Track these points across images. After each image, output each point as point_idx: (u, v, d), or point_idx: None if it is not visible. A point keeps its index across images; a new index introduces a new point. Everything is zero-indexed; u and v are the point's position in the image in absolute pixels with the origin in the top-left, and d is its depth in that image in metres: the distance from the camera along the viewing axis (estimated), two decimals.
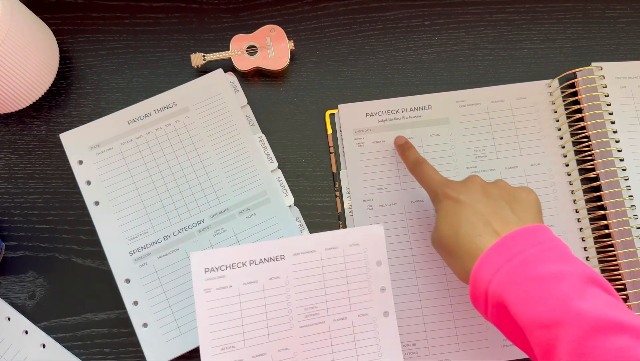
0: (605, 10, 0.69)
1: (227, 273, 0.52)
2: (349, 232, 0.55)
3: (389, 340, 0.54)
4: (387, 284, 0.55)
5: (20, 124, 0.64)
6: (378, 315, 0.54)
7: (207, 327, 0.51)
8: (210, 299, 0.52)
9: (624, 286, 0.60)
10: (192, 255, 0.52)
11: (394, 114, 0.63)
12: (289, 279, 0.53)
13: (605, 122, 0.62)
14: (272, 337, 0.52)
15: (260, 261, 0.53)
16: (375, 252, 0.54)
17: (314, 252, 0.54)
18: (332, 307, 0.54)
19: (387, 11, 0.68)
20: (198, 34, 0.66)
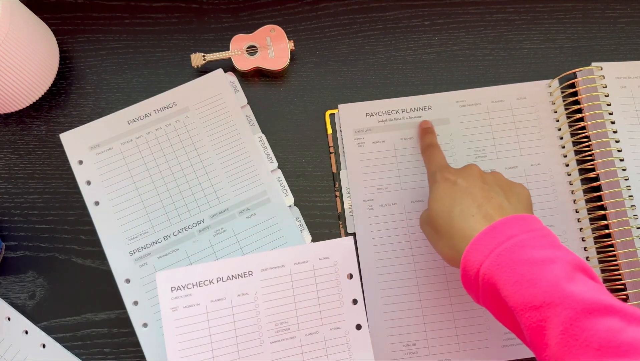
0: (605, 10, 0.69)
1: (194, 291, 0.53)
2: (318, 245, 0.55)
3: (362, 353, 0.54)
4: (359, 296, 0.55)
5: (20, 124, 0.64)
6: (350, 328, 0.54)
7: (175, 345, 0.52)
8: (178, 318, 0.52)
9: (624, 286, 0.60)
10: (158, 275, 0.53)
11: (394, 114, 0.63)
12: (257, 295, 0.53)
13: (605, 122, 0.62)
14: (242, 354, 0.52)
15: (228, 278, 0.53)
16: (345, 265, 0.55)
17: (282, 267, 0.54)
18: (303, 321, 0.54)
19: (387, 11, 0.68)
20: (198, 34, 0.66)
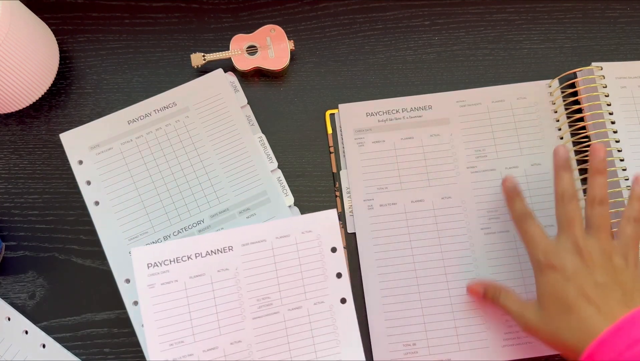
0: (605, 10, 0.69)
1: (172, 268, 0.51)
2: (300, 219, 0.54)
3: (347, 327, 0.53)
4: (344, 270, 0.54)
5: (20, 124, 0.64)
6: (335, 302, 0.53)
7: (153, 323, 0.51)
8: (155, 295, 0.51)
9: None
10: (133, 251, 0.51)
11: (394, 114, 0.63)
12: (238, 270, 0.52)
13: (606, 122, 0.62)
14: (223, 330, 0.51)
15: (207, 254, 0.52)
16: (329, 238, 0.54)
17: (264, 241, 0.53)
18: (286, 296, 0.52)
19: (387, 11, 0.68)
20: (198, 34, 0.66)
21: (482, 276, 0.60)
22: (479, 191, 0.62)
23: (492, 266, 0.60)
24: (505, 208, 0.61)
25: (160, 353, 0.50)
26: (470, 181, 0.62)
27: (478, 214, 0.61)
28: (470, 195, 0.62)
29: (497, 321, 0.59)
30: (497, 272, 0.60)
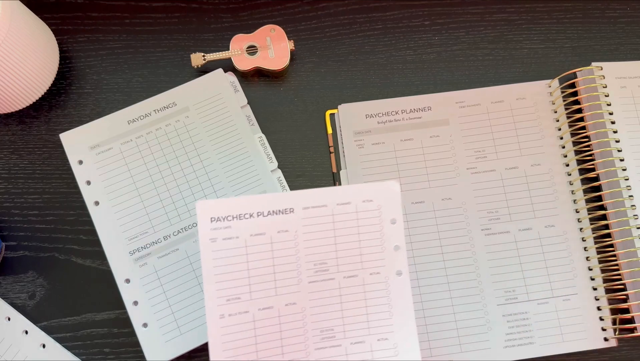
0: (605, 10, 0.69)
1: (234, 224, 0.50)
2: (363, 187, 0.52)
3: (401, 300, 0.52)
4: (402, 243, 0.52)
5: (20, 124, 0.64)
6: (391, 274, 0.52)
7: (212, 277, 0.50)
8: (216, 249, 0.50)
9: (624, 286, 0.60)
10: (198, 203, 0.50)
11: (394, 115, 0.63)
12: (298, 233, 0.51)
13: (606, 122, 0.62)
14: (279, 291, 0.51)
15: (269, 213, 0.51)
16: (389, 209, 0.52)
17: (325, 207, 0.52)
18: (342, 264, 0.51)
19: (387, 11, 0.68)
20: (198, 33, 0.66)
21: (483, 276, 0.60)
22: (479, 192, 0.62)
23: (493, 267, 0.60)
24: (506, 209, 0.61)
25: (217, 307, 0.50)
26: (470, 182, 0.62)
27: (478, 215, 0.61)
28: (471, 196, 0.62)
29: (498, 322, 0.59)
30: (498, 273, 0.60)
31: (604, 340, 0.59)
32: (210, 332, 0.50)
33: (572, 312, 0.59)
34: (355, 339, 0.51)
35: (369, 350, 0.51)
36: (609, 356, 0.60)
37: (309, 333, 0.51)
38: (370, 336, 0.51)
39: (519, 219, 0.61)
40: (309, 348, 0.51)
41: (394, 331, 0.51)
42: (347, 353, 0.51)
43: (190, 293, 0.58)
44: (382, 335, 0.51)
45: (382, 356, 0.51)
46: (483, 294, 0.59)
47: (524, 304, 0.59)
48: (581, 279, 0.60)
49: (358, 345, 0.51)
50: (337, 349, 0.51)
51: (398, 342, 0.51)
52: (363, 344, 0.51)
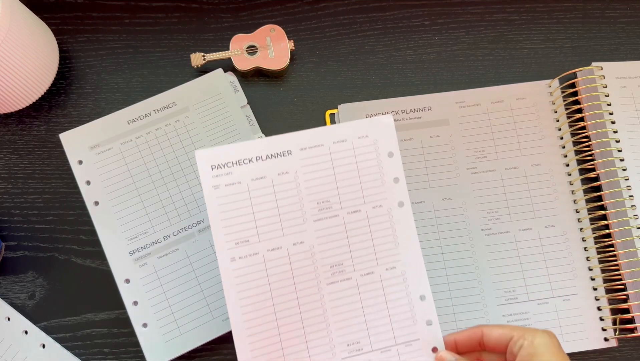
0: (605, 10, 0.68)
1: (234, 170, 0.52)
2: (357, 124, 0.53)
3: (405, 229, 0.53)
4: (400, 175, 0.53)
5: (20, 124, 0.64)
6: (393, 206, 0.53)
7: (219, 223, 0.51)
8: (220, 196, 0.51)
9: (624, 286, 0.60)
10: (197, 153, 0.52)
11: (394, 115, 0.63)
12: (298, 174, 0.52)
13: (606, 122, 0.62)
14: (286, 231, 0.52)
15: (267, 157, 0.52)
16: (385, 143, 0.53)
17: (321, 146, 0.53)
18: (345, 200, 0.53)
19: (387, 11, 0.68)
20: (198, 33, 0.66)
21: (483, 276, 0.60)
22: (479, 192, 0.62)
23: (493, 267, 0.60)
24: (506, 209, 0.61)
25: (226, 251, 0.51)
26: (470, 182, 0.62)
27: (478, 215, 0.61)
28: (471, 196, 0.62)
29: (498, 322, 0.59)
30: (498, 273, 0.60)
31: (604, 340, 0.59)
32: (224, 277, 0.51)
33: (572, 312, 0.59)
34: (365, 271, 0.52)
35: (378, 280, 0.52)
36: (609, 356, 0.60)
37: (319, 270, 0.52)
38: (379, 267, 0.52)
39: (519, 219, 0.61)
40: (320, 283, 0.52)
41: (401, 260, 0.52)
42: (358, 284, 0.52)
43: (190, 293, 0.58)
44: (390, 265, 0.52)
45: (391, 283, 0.52)
46: (483, 295, 0.59)
47: (524, 304, 0.59)
48: (581, 280, 0.60)
49: (368, 276, 0.52)
50: (349, 282, 0.52)
51: (406, 270, 0.52)
52: (372, 275, 0.52)
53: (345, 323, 0.51)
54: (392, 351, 0.51)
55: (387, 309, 0.52)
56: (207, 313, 0.58)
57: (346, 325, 0.51)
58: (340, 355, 0.51)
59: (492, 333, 0.49)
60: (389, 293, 0.52)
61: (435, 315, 0.52)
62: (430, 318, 0.52)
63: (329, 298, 0.52)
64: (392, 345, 0.52)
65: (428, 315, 0.52)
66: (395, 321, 0.52)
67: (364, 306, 0.52)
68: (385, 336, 0.52)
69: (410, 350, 0.51)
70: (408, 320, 0.52)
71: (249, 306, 0.51)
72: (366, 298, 0.52)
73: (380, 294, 0.52)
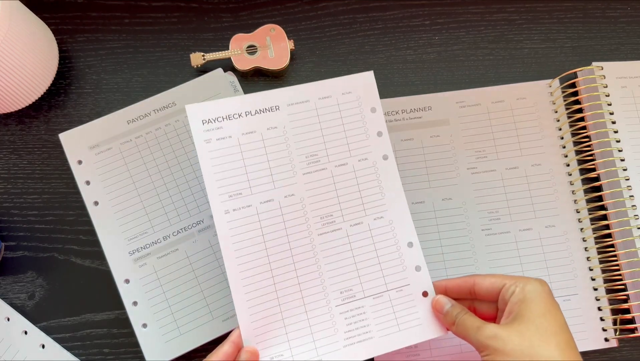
0: (605, 10, 0.68)
1: (225, 125, 0.53)
2: (340, 80, 0.56)
3: (390, 181, 0.55)
4: (383, 129, 0.55)
5: (19, 124, 0.64)
6: (378, 159, 0.55)
7: (212, 176, 0.53)
8: (212, 150, 0.53)
9: (624, 286, 0.59)
10: (188, 107, 0.53)
11: (394, 115, 0.63)
12: (286, 129, 0.54)
13: (606, 122, 0.62)
14: (277, 184, 0.53)
15: (256, 112, 0.54)
16: (368, 99, 0.55)
17: (308, 102, 0.55)
18: (332, 154, 0.55)
19: (388, 11, 0.67)
20: (198, 33, 0.66)
21: None
22: (479, 192, 0.62)
23: (494, 268, 0.60)
24: (506, 209, 0.61)
25: (220, 203, 0.52)
26: (470, 182, 0.62)
27: (479, 215, 0.61)
28: (471, 196, 0.61)
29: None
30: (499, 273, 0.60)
31: (605, 340, 0.59)
32: (219, 229, 0.52)
33: (572, 312, 0.59)
34: (354, 221, 0.54)
35: (367, 229, 0.54)
36: (609, 357, 0.60)
37: (310, 221, 0.54)
38: (367, 217, 0.54)
39: (519, 219, 0.61)
40: (312, 234, 0.54)
41: (388, 210, 0.54)
42: (348, 234, 0.54)
43: (190, 293, 0.58)
44: (378, 214, 0.54)
45: (380, 232, 0.54)
46: None
47: None
48: (582, 280, 0.60)
49: (357, 226, 0.54)
50: (339, 232, 0.54)
51: (393, 219, 0.54)
52: (361, 225, 0.54)
53: (337, 272, 0.53)
54: (384, 297, 0.53)
55: (377, 257, 0.54)
56: (207, 313, 0.58)
57: (339, 273, 0.53)
58: (334, 302, 0.53)
59: (484, 281, 0.50)
60: (378, 241, 0.54)
61: (423, 260, 0.54)
62: (419, 263, 0.54)
63: (321, 248, 0.54)
64: (383, 290, 0.53)
65: (416, 261, 0.54)
66: (385, 268, 0.54)
67: (355, 255, 0.54)
68: (376, 283, 0.53)
69: (401, 295, 0.53)
70: (398, 266, 0.54)
71: (244, 257, 0.52)
72: (356, 246, 0.54)
73: (369, 243, 0.54)
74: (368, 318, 0.53)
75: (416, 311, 0.53)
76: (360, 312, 0.53)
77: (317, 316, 0.53)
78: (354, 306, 0.53)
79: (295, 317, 0.52)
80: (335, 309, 0.53)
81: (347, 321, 0.53)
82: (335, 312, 0.53)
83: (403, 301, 0.53)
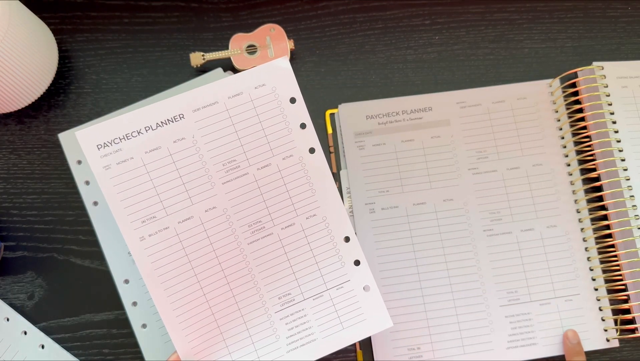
0: (606, 9, 0.68)
1: (124, 145, 0.49)
2: (249, 73, 0.50)
3: (320, 175, 0.51)
4: (307, 120, 0.51)
5: (19, 124, 0.63)
6: (304, 153, 0.51)
7: (119, 204, 0.49)
8: (113, 176, 0.49)
9: (625, 286, 0.59)
10: (78, 134, 0.48)
11: (394, 116, 0.63)
12: (196, 138, 0.50)
13: (607, 122, 0.62)
14: (194, 199, 0.50)
15: (158, 125, 0.49)
16: (285, 88, 0.51)
17: (216, 104, 0.50)
18: (252, 156, 0.51)
19: (388, 10, 0.67)
20: (197, 33, 0.66)
21: (485, 277, 0.60)
22: (480, 192, 0.61)
23: (495, 268, 0.60)
24: (507, 210, 0.61)
25: (133, 231, 0.49)
26: (472, 183, 0.62)
27: (480, 216, 0.61)
28: (472, 197, 0.61)
29: (500, 323, 0.59)
30: (500, 274, 0.60)
31: (606, 340, 0.59)
32: (136, 258, 0.49)
33: (574, 313, 0.59)
34: (285, 223, 0.51)
35: (300, 230, 0.52)
36: (610, 357, 0.60)
37: (237, 231, 0.51)
38: (298, 217, 0.52)
39: (521, 219, 0.61)
40: (241, 244, 0.51)
41: (320, 206, 0.52)
42: (281, 238, 0.51)
43: None
44: (310, 213, 0.52)
45: (314, 231, 0.52)
46: (485, 295, 0.59)
47: (526, 305, 0.59)
48: (583, 280, 0.60)
49: (289, 228, 0.52)
50: (270, 237, 0.51)
51: (326, 215, 0.52)
52: (293, 226, 0.52)
53: (273, 278, 0.51)
54: (324, 296, 0.52)
55: (313, 257, 0.52)
56: None
57: (274, 279, 0.51)
58: (273, 309, 0.51)
59: None
60: (313, 240, 0.52)
61: (362, 254, 0.52)
62: (358, 257, 0.52)
63: (252, 256, 0.51)
64: (323, 290, 0.52)
65: (355, 255, 0.52)
66: (323, 267, 0.52)
67: (290, 257, 0.52)
68: (315, 283, 0.52)
69: (342, 292, 0.52)
70: (336, 263, 0.52)
71: (170, 281, 0.50)
72: (290, 249, 0.52)
73: (304, 244, 0.52)
74: (310, 321, 0.52)
75: (359, 307, 0.52)
76: (301, 315, 0.52)
77: (256, 326, 0.51)
78: (294, 310, 0.52)
79: (234, 329, 0.51)
80: (274, 315, 0.51)
81: (288, 326, 0.51)
82: (275, 318, 0.51)
83: (344, 298, 0.52)
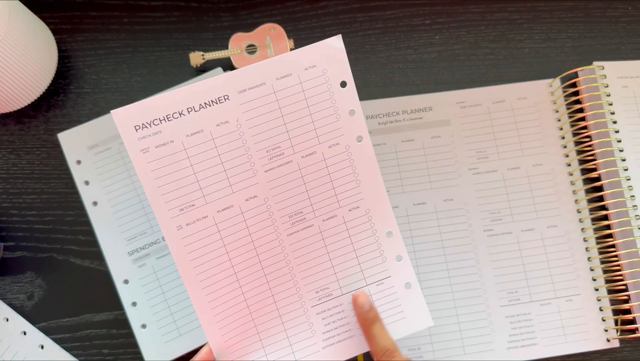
0: (606, 9, 0.68)
1: (164, 127, 0.45)
2: (300, 53, 0.47)
3: (366, 166, 0.49)
4: (357, 106, 0.48)
5: (18, 124, 0.63)
6: (351, 142, 0.48)
7: (156, 190, 0.46)
8: (152, 160, 0.46)
9: (625, 286, 0.59)
10: (114, 112, 0.44)
11: (395, 116, 0.63)
12: (240, 121, 0.46)
13: (607, 122, 0.62)
14: (235, 187, 0.47)
15: (201, 107, 0.46)
16: (337, 71, 0.47)
17: (263, 85, 0.46)
18: (297, 143, 0.48)
19: (388, 10, 0.67)
20: (197, 33, 0.66)
21: (485, 277, 0.60)
22: (481, 192, 0.61)
23: (496, 268, 0.60)
24: (508, 210, 0.61)
25: (170, 220, 0.46)
26: (472, 183, 0.62)
27: (480, 216, 0.61)
28: (473, 197, 0.61)
29: (501, 323, 0.59)
30: (501, 274, 0.60)
31: (606, 340, 0.59)
32: (171, 247, 0.46)
33: (574, 313, 0.59)
34: (327, 215, 0.49)
35: (342, 222, 0.49)
36: (610, 357, 0.60)
37: (277, 222, 0.48)
38: (341, 208, 0.49)
39: (521, 219, 0.61)
40: (281, 235, 0.49)
41: (364, 198, 0.49)
42: (321, 230, 0.49)
43: None
44: (353, 205, 0.49)
45: (355, 224, 0.49)
46: (486, 296, 0.59)
47: (526, 305, 0.59)
48: (583, 280, 0.60)
49: (330, 220, 0.49)
50: (310, 229, 0.49)
51: (370, 208, 0.49)
52: (335, 218, 0.49)
53: (311, 271, 0.49)
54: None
55: (354, 250, 0.50)
56: None
57: (312, 273, 0.49)
58: (309, 303, 0.49)
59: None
60: (354, 233, 0.50)
61: (404, 249, 0.50)
62: (400, 253, 0.50)
63: (291, 248, 0.49)
64: (362, 286, 0.50)
65: (397, 251, 0.50)
66: (363, 262, 0.50)
67: (329, 251, 0.49)
68: (354, 278, 0.50)
69: (382, 288, 0.50)
70: (377, 258, 0.50)
71: (206, 273, 0.47)
72: (330, 242, 0.49)
73: (345, 237, 0.49)
74: (347, 316, 0.50)
75: (399, 305, 0.50)
76: (338, 310, 0.50)
77: (292, 320, 0.49)
78: (331, 305, 0.50)
79: (269, 323, 0.49)
80: (311, 310, 0.50)
81: (324, 322, 0.50)
82: (312, 313, 0.50)
83: (384, 295, 0.50)
